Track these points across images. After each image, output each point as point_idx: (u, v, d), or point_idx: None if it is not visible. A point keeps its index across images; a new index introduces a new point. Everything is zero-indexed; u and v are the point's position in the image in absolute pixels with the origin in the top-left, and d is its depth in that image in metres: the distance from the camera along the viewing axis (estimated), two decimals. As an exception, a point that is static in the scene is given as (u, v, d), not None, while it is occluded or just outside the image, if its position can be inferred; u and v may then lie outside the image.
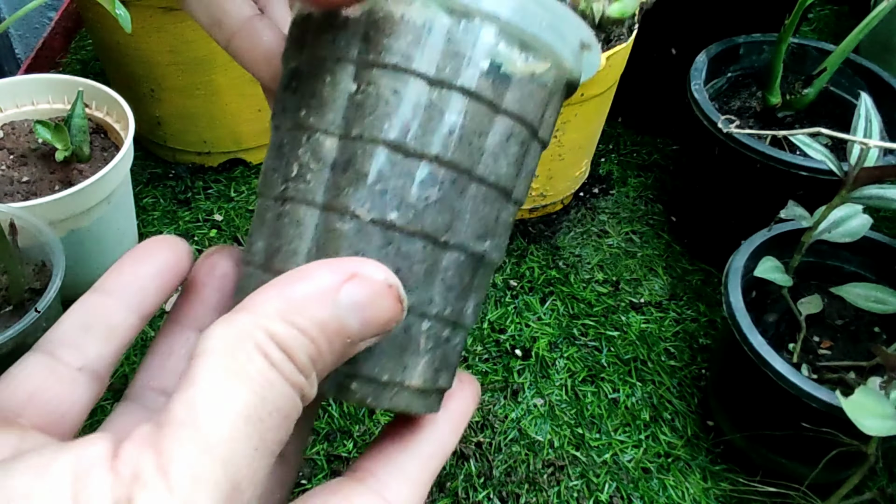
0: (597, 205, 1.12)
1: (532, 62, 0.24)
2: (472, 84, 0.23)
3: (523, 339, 0.93)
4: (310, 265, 0.22)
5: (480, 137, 0.24)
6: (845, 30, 0.96)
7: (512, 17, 0.23)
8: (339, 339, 0.21)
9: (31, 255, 0.77)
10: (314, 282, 0.21)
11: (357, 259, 0.23)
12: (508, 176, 0.25)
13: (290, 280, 0.22)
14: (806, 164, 0.84)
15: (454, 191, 0.24)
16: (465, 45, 0.23)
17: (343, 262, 0.22)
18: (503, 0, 0.23)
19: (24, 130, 0.91)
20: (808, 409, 0.67)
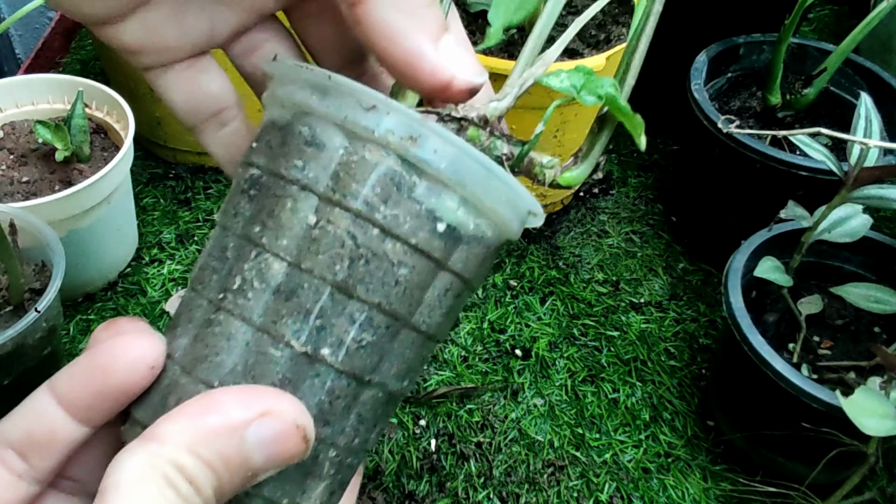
0: (597, 205, 1.12)
1: (483, 227, 0.26)
2: (426, 243, 0.24)
3: (523, 339, 0.93)
4: (225, 393, 0.23)
5: (422, 290, 0.25)
6: (845, 30, 0.96)
7: (476, 190, 0.25)
8: (241, 473, 0.22)
9: (31, 255, 0.77)
10: (225, 415, 0.22)
11: (273, 393, 0.23)
12: (439, 324, 0.27)
13: (202, 409, 0.22)
14: (806, 164, 0.84)
15: (387, 336, 0.25)
16: (428, 206, 0.24)
17: (259, 395, 0.23)
18: (468, 173, 0.24)
19: (24, 130, 0.91)
20: (808, 409, 0.67)
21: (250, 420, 0.22)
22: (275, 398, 0.23)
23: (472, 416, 0.84)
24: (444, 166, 0.24)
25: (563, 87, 0.28)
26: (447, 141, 0.24)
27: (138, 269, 0.96)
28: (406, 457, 0.80)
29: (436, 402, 0.85)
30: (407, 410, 0.84)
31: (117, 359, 0.25)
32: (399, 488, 0.77)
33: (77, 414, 0.26)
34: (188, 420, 0.22)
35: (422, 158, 0.24)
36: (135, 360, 0.26)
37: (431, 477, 0.79)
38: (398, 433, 0.82)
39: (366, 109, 0.23)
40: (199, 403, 0.23)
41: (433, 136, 0.24)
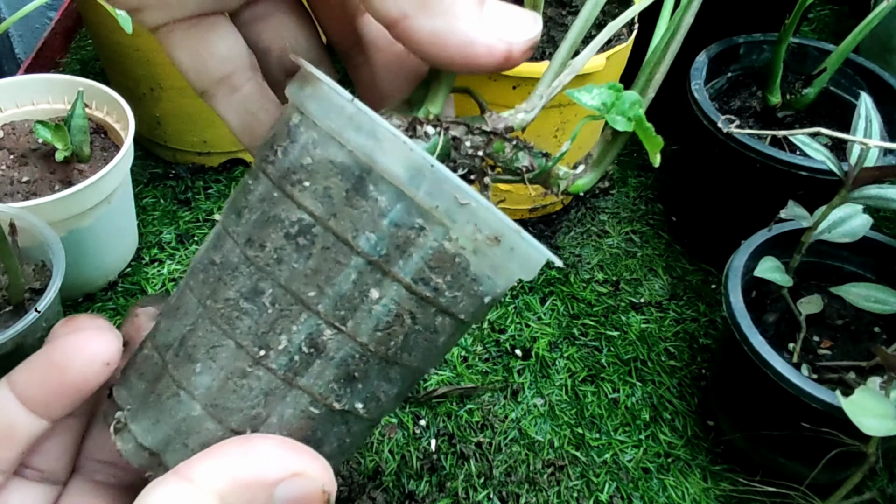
0: (597, 205, 1.12)
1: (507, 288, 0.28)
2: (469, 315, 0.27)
3: (523, 339, 0.93)
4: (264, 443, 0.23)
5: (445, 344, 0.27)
6: (845, 30, 0.96)
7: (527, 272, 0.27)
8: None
9: (31, 255, 0.77)
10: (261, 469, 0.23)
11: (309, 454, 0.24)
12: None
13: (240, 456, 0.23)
14: (806, 164, 0.84)
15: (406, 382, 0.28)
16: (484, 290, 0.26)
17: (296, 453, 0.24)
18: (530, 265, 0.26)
19: (24, 130, 0.91)
20: (808, 409, 0.67)
21: (283, 478, 0.23)
22: (309, 460, 0.24)
23: (472, 416, 0.84)
24: (516, 264, 0.26)
25: (594, 106, 0.28)
26: (524, 240, 0.25)
27: (138, 269, 0.96)
28: (406, 457, 0.80)
29: (436, 402, 0.85)
30: (407, 410, 0.84)
31: (73, 356, 0.26)
32: (399, 488, 0.77)
33: (35, 408, 0.26)
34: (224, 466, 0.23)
35: (499, 256, 0.25)
36: (90, 358, 0.26)
37: (431, 477, 0.79)
38: (398, 433, 0.82)
39: (461, 205, 0.24)
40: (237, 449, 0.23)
41: (513, 235, 0.25)
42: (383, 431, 0.82)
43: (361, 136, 0.24)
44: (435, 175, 0.23)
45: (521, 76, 0.86)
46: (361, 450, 0.80)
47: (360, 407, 0.26)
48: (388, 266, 0.24)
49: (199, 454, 0.23)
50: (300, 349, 0.25)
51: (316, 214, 0.24)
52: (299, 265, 0.24)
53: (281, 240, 0.25)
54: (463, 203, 0.23)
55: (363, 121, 0.24)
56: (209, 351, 0.25)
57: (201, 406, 0.25)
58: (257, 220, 0.25)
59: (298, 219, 0.24)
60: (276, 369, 0.25)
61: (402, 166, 0.23)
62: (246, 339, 0.25)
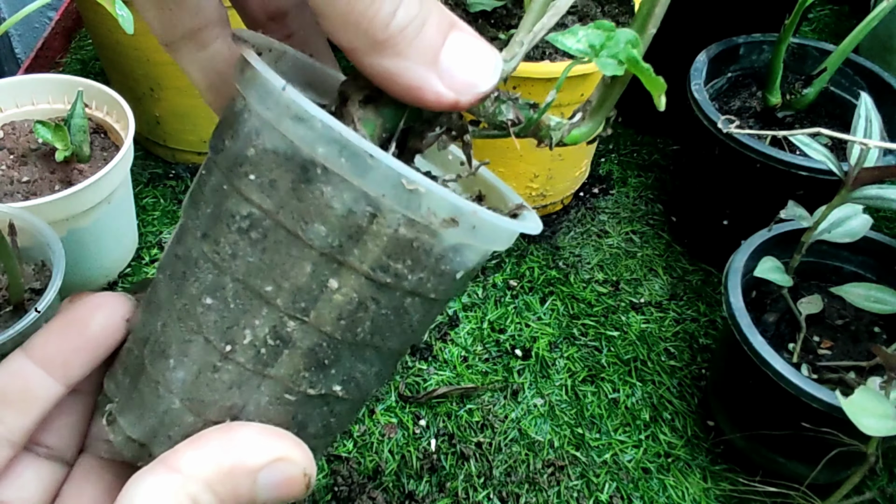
0: (597, 205, 1.12)
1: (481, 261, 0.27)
2: (442, 293, 0.26)
3: (523, 339, 0.93)
4: (247, 431, 0.24)
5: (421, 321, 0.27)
6: (845, 30, 0.96)
7: (496, 245, 0.26)
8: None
9: (31, 255, 0.77)
10: (245, 456, 0.23)
11: (290, 439, 0.25)
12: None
13: (224, 445, 0.24)
14: (806, 164, 0.84)
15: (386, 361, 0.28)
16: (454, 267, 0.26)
17: (277, 440, 0.24)
18: (497, 239, 0.26)
19: (24, 130, 0.91)
20: (808, 409, 0.67)
21: (266, 463, 0.24)
22: (291, 445, 0.25)
23: (472, 416, 0.84)
24: (479, 242, 0.25)
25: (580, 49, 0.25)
26: (485, 219, 0.24)
27: (138, 269, 0.96)
28: (406, 457, 0.80)
29: (436, 402, 0.85)
30: (407, 410, 0.84)
31: (94, 311, 0.27)
32: (399, 488, 0.77)
33: (54, 370, 0.26)
34: (209, 454, 0.23)
35: (461, 236, 0.24)
36: (111, 312, 0.27)
37: (431, 477, 0.79)
38: (398, 433, 0.82)
39: (409, 191, 0.23)
40: (220, 438, 0.24)
41: (471, 216, 0.24)
42: (383, 431, 0.82)
43: (300, 127, 0.23)
44: (377, 163, 0.22)
45: (520, 76, 0.86)
46: (361, 450, 0.80)
47: (338, 389, 0.26)
48: (343, 256, 0.24)
49: (184, 443, 0.24)
50: (266, 342, 0.25)
51: (264, 208, 0.24)
52: (254, 259, 0.24)
53: (234, 235, 0.24)
54: (410, 189, 0.23)
55: (298, 110, 0.23)
56: (180, 346, 0.26)
57: (179, 400, 0.26)
58: (211, 214, 0.25)
59: (249, 213, 0.24)
60: (245, 363, 0.25)
61: (342, 156, 0.22)
62: (213, 335, 0.25)
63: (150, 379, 0.26)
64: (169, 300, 0.26)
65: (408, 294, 0.25)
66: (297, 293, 0.24)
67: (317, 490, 0.76)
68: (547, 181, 1.02)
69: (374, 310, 0.25)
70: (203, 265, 0.25)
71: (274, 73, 0.23)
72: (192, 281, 0.25)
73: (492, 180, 0.32)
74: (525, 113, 0.27)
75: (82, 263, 0.87)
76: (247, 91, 0.24)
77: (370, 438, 0.81)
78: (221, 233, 0.24)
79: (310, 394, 0.26)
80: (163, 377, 0.26)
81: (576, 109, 0.28)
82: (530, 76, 0.86)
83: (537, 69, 0.86)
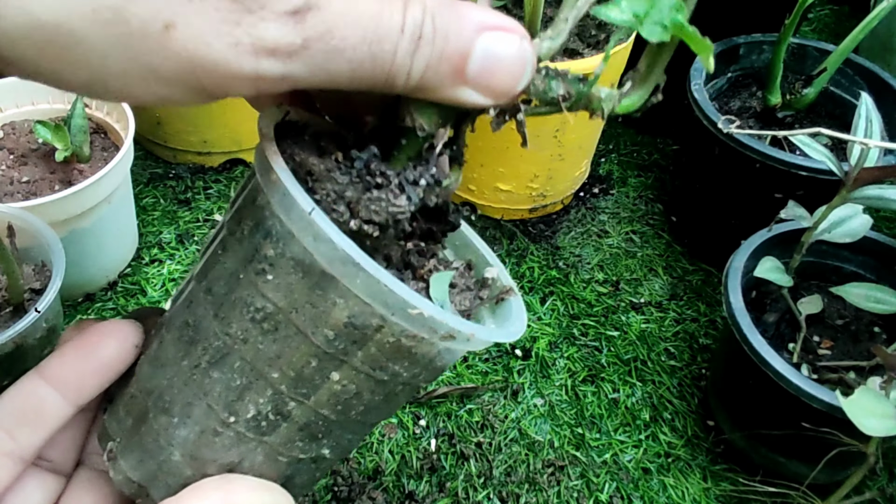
0: (597, 205, 1.12)
1: None
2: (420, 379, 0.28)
3: (523, 339, 0.92)
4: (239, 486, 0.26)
5: None
6: (845, 30, 0.96)
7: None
8: None
9: (31, 255, 0.77)
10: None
11: (278, 491, 0.27)
12: None
13: (220, 498, 0.26)
14: (806, 164, 0.84)
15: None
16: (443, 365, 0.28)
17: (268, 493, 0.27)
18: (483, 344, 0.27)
19: (24, 130, 0.91)
20: (808, 409, 0.67)
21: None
22: (280, 497, 0.27)
23: (472, 416, 0.84)
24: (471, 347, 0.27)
25: (625, 20, 0.25)
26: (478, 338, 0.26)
27: (138, 269, 0.96)
28: (406, 457, 0.80)
29: (436, 402, 0.85)
30: (407, 410, 0.84)
31: (107, 338, 0.28)
32: (399, 488, 0.77)
33: (67, 392, 0.28)
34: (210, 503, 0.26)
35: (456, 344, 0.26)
36: (123, 338, 0.28)
37: (431, 477, 0.79)
38: (398, 433, 0.82)
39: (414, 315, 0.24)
40: (220, 490, 0.26)
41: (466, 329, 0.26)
42: (383, 431, 0.82)
43: (321, 245, 0.24)
44: (393, 296, 0.24)
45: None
46: (361, 450, 0.80)
47: (326, 452, 0.28)
48: (346, 357, 0.25)
49: (186, 492, 0.26)
50: (267, 416, 0.26)
51: (279, 306, 0.25)
52: (264, 347, 0.25)
53: (247, 322, 0.25)
54: (414, 311, 0.24)
55: (320, 232, 0.23)
56: (184, 407, 0.27)
57: (179, 454, 0.27)
58: (226, 296, 0.26)
59: (263, 306, 0.25)
60: (245, 431, 0.27)
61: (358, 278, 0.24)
62: (216, 404, 0.26)
63: (152, 429, 0.28)
64: (176, 362, 0.27)
65: (400, 384, 0.27)
66: (299, 381, 0.26)
67: (317, 490, 0.76)
68: (547, 181, 1.02)
69: (369, 398, 0.27)
70: (213, 341, 0.26)
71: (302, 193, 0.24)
72: (200, 351, 0.27)
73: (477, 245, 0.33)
74: (575, 87, 0.27)
75: (82, 263, 0.87)
76: (271, 194, 0.24)
77: (370, 438, 0.81)
78: (235, 318, 0.26)
79: (301, 458, 0.28)
80: (165, 431, 0.27)
81: (625, 79, 0.28)
82: (530, 76, 0.86)
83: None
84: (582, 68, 0.87)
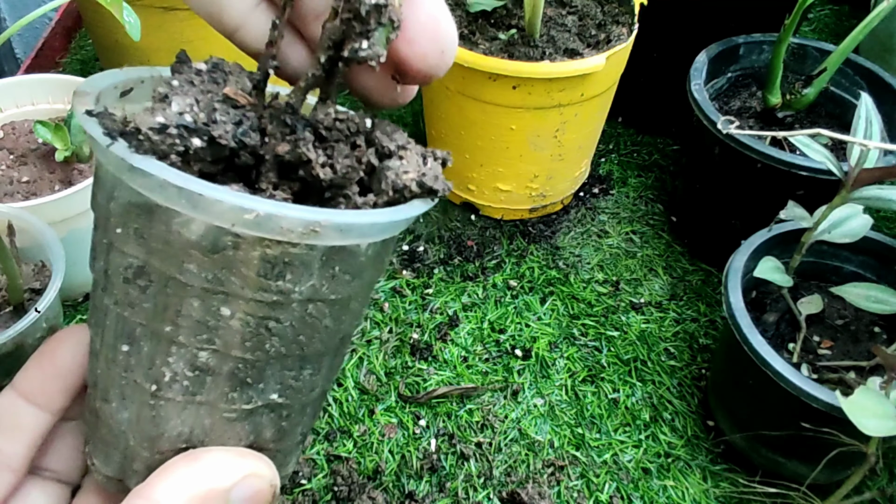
0: (597, 205, 1.12)
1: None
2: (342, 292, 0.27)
3: (523, 339, 0.93)
4: (214, 455, 0.26)
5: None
6: (845, 30, 0.96)
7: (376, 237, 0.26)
8: None
9: (31, 255, 0.77)
10: (216, 478, 0.25)
11: (254, 456, 0.26)
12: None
13: (194, 471, 0.25)
14: (806, 164, 0.84)
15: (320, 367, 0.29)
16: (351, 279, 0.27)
17: (242, 459, 0.26)
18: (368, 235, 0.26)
19: (24, 130, 0.91)
20: (808, 409, 0.67)
21: (236, 482, 0.25)
22: (254, 461, 0.26)
23: (472, 416, 0.84)
24: (356, 239, 0.25)
25: None
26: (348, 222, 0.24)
27: (138, 269, 0.96)
28: (406, 457, 0.80)
29: (436, 402, 0.85)
30: (407, 410, 0.84)
31: (60, 344, 0.29)
32: (399, 488, 0.77)
33: (34, 398, 0.29)
34: (182, 483, 0.25)
35: (332, 240, 0.24)
36: (75, 344, 0.29)
37: (431, 477, 0.79)
38: (398, 433, 0.82)
39: (254, 220, 0.23)
40: (189, 466, 0.25)
41: (329, 223, 0.23)
42: (383, 431, 0.82)
43: (137, 176, 0.23)
44: (215, 202, 0.22)
45: (521, 76, 0.86)
46: (361, 450, 0.80)
47: (274, 397, 0.27)
48: (223, 287, 0.24)
49: (155, 475, 0.25)
50: (185, 375, 0.25)
51: (140, 257, 0.24)
52: (149, 305, 0.25)
53: (124, 285, 0.25)
54: (250, 216, 0.22)
55: (126, 164, 0.23)
56: (116, 390, 0.27)
57: (132, 439, 0.27)
58: (104, 268, 0.26)
59: (129, 263, 0.25)
60: (174, 397, 0.26)
61: (181, 198, 0.23)
62: (138, 377, 0.26)
63: (103, 422, 0.28)
64: (96, 347, 0.27)
65: (305, 303, 0.25)
66: (195, 328, 0.25)
67: (317, 490, 0.76)
68: (547, 181, 1.02)
69: (276, 326, 0.25)
70: (111, 315, 0.26)
71: (98, 129, 0.24)
72: (108, 329, 0.26)
73: None
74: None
75: (82, 263, 0.86)
76: (94, 146, 0.25)
77: (370, 438, 0.81)
78: (114, 285, 0.25)
79: (247, 408, 0.26)
80: (112, 419, 0.27)
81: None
82: (531, 76, 0.86)
83: (537, 69, 0.86)
84: (582, 68, 0.86)
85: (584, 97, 0.91)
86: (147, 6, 0.90)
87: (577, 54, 0.92)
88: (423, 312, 0.94)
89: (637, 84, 1.09)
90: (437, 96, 0.98)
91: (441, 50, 0.25)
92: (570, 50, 0.93)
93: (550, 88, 0.88)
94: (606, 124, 1.06)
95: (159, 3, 0.90)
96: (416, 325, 0.93)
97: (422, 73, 0.25)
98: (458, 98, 0.92)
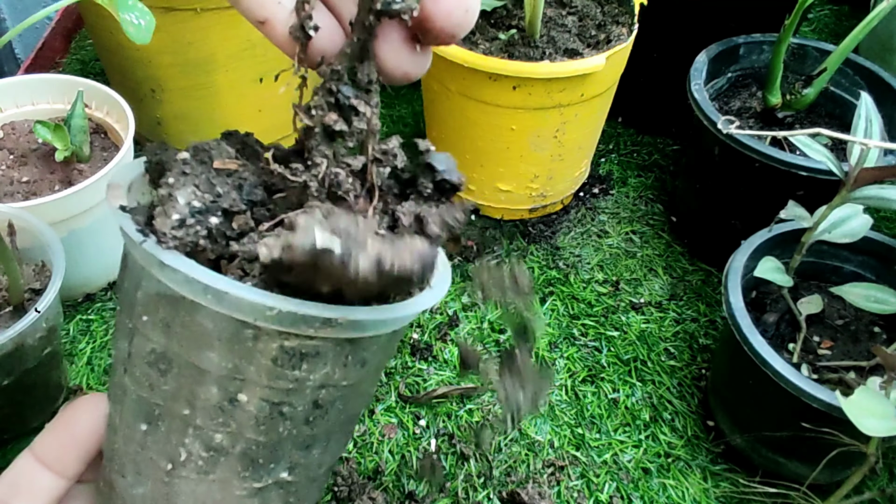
0: (597, 205, 1.12)
1: None
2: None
3: (523, 339, 0.92)
4: None
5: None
6: (845, 30, 0.96)
7: None
8: None
9: (31, 255, 0.77)
10: None
11: None
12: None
13: None
14: (806, 164, 0.84)
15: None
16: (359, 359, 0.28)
17: None
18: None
19: (24, 130, 0.91)
20: (808, 409, 0.67)
21: None
22: None
23: (472, 416, 0.84)
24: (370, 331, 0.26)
25: None
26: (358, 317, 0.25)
27: (138, 269, 0.96)
28: (406, 457, 0.80)
29: (436, 402, 0.85)
30: (407, 410, 0.84)
31: (79, 412, 0.30)
32: (399, 488, 0.77)
33: (51, 464, 0.30)
34: None
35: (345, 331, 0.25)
36: (94, 409, 0.30)
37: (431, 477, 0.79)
38: (398, 433, 0.82)
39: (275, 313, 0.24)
40: None
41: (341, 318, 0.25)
42: (383, 431, 0.82)
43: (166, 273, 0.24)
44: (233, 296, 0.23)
45: (520, 76, 0.86)
46: (361, 450, 0.80)
47: (284, 476, 0.28)
48: (241, 375, 0.25)
49: None
50: (200, 455, 0.26)
51: (162, 343, 0.25)
52: (168, 388, 0.26)
53: (146, 368, 0.26)
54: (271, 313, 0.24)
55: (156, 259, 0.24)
56: (132, 466, 0.28)
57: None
58: (126, 350, 0.27)
59: (151, 349, 0.26)
60: (188, 475, 0.27)
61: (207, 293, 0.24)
62: (155, 455, 0.27)
63: (118, 494, 0.29)
64: (115, 422, 0.28)
65: (318, 389, 0.26)
66: (212, 411, 0.26)
67: (317, 490, 0.76)
68: (547, 181, 1.02)
69: (290, 410, 0.26)
70: (131, 395, 0.27)
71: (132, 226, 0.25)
72: (127, 408, 0.27)
73: None
74: None
75: (82, 263, 0.87)
76: (126, 240, 0.26)
77: (370, 438, 0.81)
78: (136, 367, 0.27)
79: (257, 486, 0.27)
80: (127, 493, 0.28)
81: None
82: (531, 76, 0.86)
83: (537, 69, 0.86)
84: (582, 68, 0.87)
85: (584, 97, 0.91)
86: (147, 7, 0.90)
87: (577, 54, 0.92)
88: (422, 312, 0.94)
89: (637, 84, 1.09)
90: (438, 97, 0.98)
91: (465, 8, 0.25)
92: (570, 50, 0.93)
93: (550, 89, 0.88)
94: (606, 124, 1.06)
95: (159, 3, 0.90)
96: (416, 325, 0.93)
97: (445, 31, 0.25)
98: (459, 98, 0.92)
